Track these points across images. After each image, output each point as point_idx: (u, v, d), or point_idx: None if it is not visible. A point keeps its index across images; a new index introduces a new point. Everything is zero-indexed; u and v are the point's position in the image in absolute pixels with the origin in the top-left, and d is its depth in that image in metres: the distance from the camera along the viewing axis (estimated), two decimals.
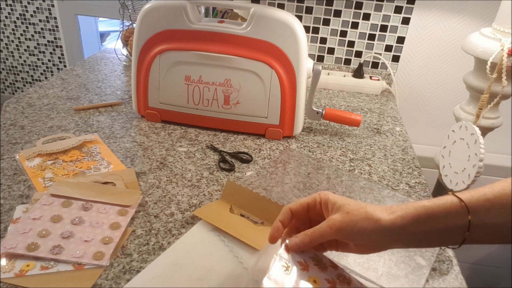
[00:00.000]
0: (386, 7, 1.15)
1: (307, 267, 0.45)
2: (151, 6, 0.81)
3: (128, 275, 0.51)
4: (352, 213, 0.43)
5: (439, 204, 0.43)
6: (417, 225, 0.43)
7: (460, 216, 0.42)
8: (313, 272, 0.45)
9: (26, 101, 0.96)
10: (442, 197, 0.44)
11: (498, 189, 0.43)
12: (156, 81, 0.85)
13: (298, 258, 0.46)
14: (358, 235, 0.43)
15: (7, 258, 0.52)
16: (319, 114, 0.90)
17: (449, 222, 0.43)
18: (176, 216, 0.62)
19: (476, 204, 0.43)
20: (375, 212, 0.43)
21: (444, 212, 0.43)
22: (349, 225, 0.43)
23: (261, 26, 0.78)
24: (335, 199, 0.46)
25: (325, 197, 0.46)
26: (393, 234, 0.43)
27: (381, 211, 0.44)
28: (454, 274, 0.56)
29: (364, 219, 0.43)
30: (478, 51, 0.90)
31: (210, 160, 0.78)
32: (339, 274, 0.46)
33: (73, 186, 0.65)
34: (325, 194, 0.47)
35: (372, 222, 0.43)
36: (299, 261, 0.45)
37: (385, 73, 1.24)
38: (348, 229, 0.43)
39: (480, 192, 0.43)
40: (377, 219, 0.43)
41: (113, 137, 0.84)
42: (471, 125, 0.78)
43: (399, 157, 0.85)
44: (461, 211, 0.43)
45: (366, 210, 0.44)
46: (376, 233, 0.43)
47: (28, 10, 2.20)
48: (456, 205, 0.43)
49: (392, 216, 0.43)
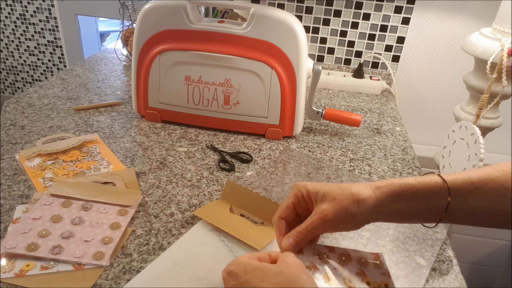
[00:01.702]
0: (386, 7, 1.15)
1: (315, 267, 0.45)
2: (151, 6, 0.81)
3: (128, 275, 0.51)
4: (339, 198, 0.44)
5: (424, 183, 0.44)
6: (400, 202, 0.44)
7: (442, 197, 0.44)
8: (322, 270, 0.45)
9: (26, 101, 0.96)
10: (427, 176, 0.45)
11: (483, 173, 0.44)
12: (156, 81, 0.85)
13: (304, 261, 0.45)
14: (349, 220, 0.44)
15: (7, 258, 0.52)
16: (319, 114, 0.90)
17: (430, 202, 0.44)
18: (176, 216, 0.62)
19: (460, 186, 0.44)
20: (360, 193, 0.44)
21: (427, 192, 0.44)
22: (340, 212, 0.43)
23: (261, 26, 0.78)
24: (316, 189, 0.45)
25: (305, 188, 0.46)
26: (378, 210, 0.44)
27: (365, 189, 0.44)
28: (454, 274, 0.56)
29: (352, 202, 0.43)
30: (478, 51, 0.90)
31: (210, 160, 0.78)
32: (339, 254, 0.47)
33: (73, 186, 0.65)
34: (303, 186, 0.46)
35: (360, 203, 0.43)
36: (307, 266, 0.45)
37: (385, 73, 1.24)
38: (339, 216, 0.44)
39: (465, 174, 0.44)
40: (363, 199, 0.44)
41: (113, 137, 0.84)
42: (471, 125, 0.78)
43: (399, 157, 0.85)
44: (443, 192, 0.44)
45: (352, 192, 0.44)
46: (364, 213, 0.44)
47: (28, 10, 2.20)
48: (439, 185, 0.44)
49: (378, 192, 0.44)
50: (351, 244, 0.59)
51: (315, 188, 0.45)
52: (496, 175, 0.44)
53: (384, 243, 0.60)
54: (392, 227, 0.63)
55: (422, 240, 0.61)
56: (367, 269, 0.47)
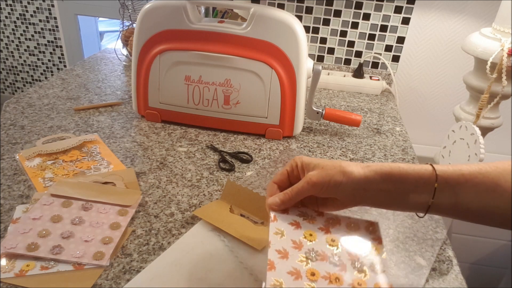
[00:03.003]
0: (386, 7, 1.15)
1: (298, 224, 0.47)
2: (151, 6, 0.81)
3: (128, 275, 0.51)
4: (327, 167, 0.45)
5: (414, 168, 0.45)
6: (388, 183, 0.45)
7: (431, 184, 0.44)
8: (305, 227, 0.47)
9: (26, 101, 0.96)
10: (419, 165, 0.46)
11: (475, 167, 0.45)
12: (156, 81, 0.85)
13: (288, 219, 0.47)
14: (334, 189, 0.45)
15: (7, 258, 0.52)
16: (319, 114, 0.90)
17: (419, 187, 0.45)
18: (176, 216, 0.62)
19: (450, 176, 0.44)
20: (349, 166, 0.45)
21: (416, 176, 0.44)
22: (325, 178, 0.45)
23: (261, 26, 0.78)
24: (310, 160, 0.48)
25: (300, 160, 0.48)
26: (365, 188, 0.45)
27: (355, 165, 0.46)
28: (454, 274, 0.56)
29: (339, 172, 0.45)
30: (478, 51, 0.90)
31: (210, 160, 0.78)
32: (327, 218, 0.49)
33: (73, 186, 0.65)
34: (300, 157, 0.49)
35: (346, 175, 0.45)
36: (290, 222, 0.47)
37: (385, 73, 1.24)
38: (324, 183, 0.45)
39: (457, 167, 0.45)
40: (350, 172, 0.45)
41: (113, 137, 0.84)
42: (471, 125, 0.78)
43: (399, 157, 0.85)
44: (432, 179, 0.44)
45: (341, 164, 0.46)
46: (349, 186, 0.45)
47: (28, 10, 2.20)
48: (429, 173, 0.44)
49: (367, 170, 0.45)
50: None
51: (310, 159, 0.48)
52: (488, 170, 0.44)
53: (384, 243, 0.60)
54: (392, 227, 0.63)
55: (422, 240, 0.61)
56: (356, 233, 0.48)
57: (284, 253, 0.43)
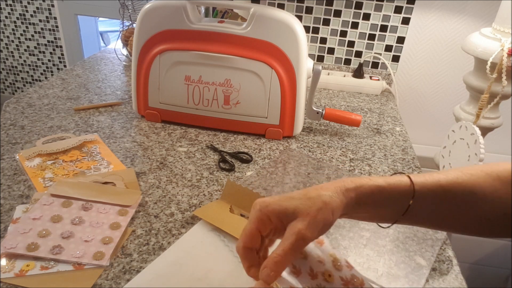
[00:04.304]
0: (386, 7, 1.15)
1: (323, 261, 0.44)
2: (151, 6, 0.81)
3: (128, 275, 0.51)
4: (312, 212, 0.39)
5: (393, 185, 0.43)
6: (367, 206, 0.43)
7: (407, 199, 0.43)
8: (329, 266, 0.43)
9: (26, 101, 0.96)
10: (396, 177, 0.44)
11: (452, 176, 0.44)
12: (156, 81, 0.85)
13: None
14: (325, 229, 0.41)
15: (7, 258, 0.52)
16: (319, 114, 0.90)
17: (398, 204, 0.43)
18: (176, 216, 0.62)
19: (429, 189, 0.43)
20: (332, 200, 0.40)
21: (396, 194, 0.43)
22: (317, 226, 0.39)
23: (261, 26, 0.78)
24: (283, 206, 0.40)
25: (269, 210, 0.40)
26: (345, 213, 0.42)
27: (336, 193, 0.41)
28: (454, 274, 0.56)
29: (327, 212, 0.40)
30: (478, 51, 0.90)
31: (210, 160, 0.78)
32: (353, 274, 0.44)
33: (73, 186, 0.65)
34: (266, 207, 0.41)
35: (334, 212, 0.40)
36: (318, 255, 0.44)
37: (385, 73, 1.24)
38: (315, 229, 0.39)
39: (435, 177, 0.44)
40: (337, 207, 0.40)
41: (113, 137, 0.84)
42: (471, 125, 0.78)
43: (399, 157, 0.85)
44: (410, 194, 0.43)
45: (323, 200, 0.40)
46: (336, 218, 0.41)
47: (28, 10, 2.20)
48: (408, 187, 0.43)
49: (347, 196, 0.41)
50: (351, 244, 0.59)
51: (281, 205, 0.40)
52: (464, 179, 0.44)
53: (384, 243, 0.60)
54: (392, 227, 0.63)
55: (422, 240, 0.61)
56: None
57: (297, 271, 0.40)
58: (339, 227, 0.62)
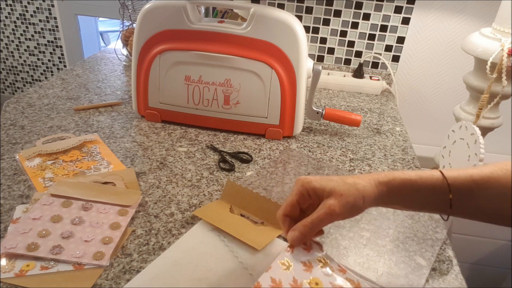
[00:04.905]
0: (386, 7, 1.15)
1: (310, 267, 0.45)
2: (151, 6, 0.81)
3: (128, 275, 0.51)
4: (345, 194, 0.44)
5: (425, 179, 0.45)
6: (401, 197, 0.46)
7: (443, 194, 0.45)
8: (316, 273, 0.44)
9: (26, 101, 0.96)
10: (429, 172, 0.46)
11: (486, 171, 0.45)
12: (156, 81, 0.85)
13: (303, 257, 0.45)
14: (354, 213, 0.45)
15: (7, 258, 0.52)
16: (319, 114, 0.90)
17: (431, 198, 0.45)
18: (176, 216, 0.62)
19: (462, 184, 0.44)
20: (365, 189, 0.45)
21: (428, 188, 0.45)
22: (346, 207, 0.44)
23: (261, 26, 0.78)
24: (322, 185, 0.45)
25: (310, 186, 0.46)
26: (378, 203, 0.46)
27: (369, 184, 0.45)
28: (454, 274, 0.56)
29: (359, 198, 0.44)
30: (478, 51, 0.90)
31: (210, 160, 0.78)
32: (347, 278, 0.45)
33: (73, 186, 0.65)
34: (308, 183, 0.46)
35: (365, 199, 0.45)
36: (303, 261, 0.45)
37: (385, 73, 1.24)
38: (345, 211, 0.44)
39: (467, 172, 0.45)
40: (368, 195, 0.45)
41: (113, 137, 0.84)
42: (471, 125, 0.78)
43: (399, 157, 0.85)
44: (444, 189, 0.45)
45: (357, 188, 0.45)
46: (367, 206, 0.45)
47: (28, 10, 2.20)
48: (440, 182, 0.45)
49: (380, 188, 0.45)
50: (351, 244, 0.59)
51: (321, 184, 0.45)
52: (499, 174, 0.44)
53: (384, 243, 0.60)
54: (392, 227, 0.63)
55: (422, 240, 0.61)
56: None
57: (277, 285, 0.41)
58: (339, 227, 0.62)
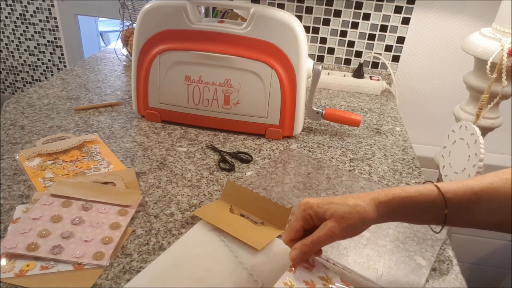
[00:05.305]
0: (386, 7, 1.15)
1: (313, 286, 0.45)
2: (151, 6, 0.81)
3: (128, 275, 0.51)
4: (346, 217, 0.45)
5: (425, 195, 0.46)
6: (400, 216, 0.47)
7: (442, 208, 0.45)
8: None
9: (26, 101, 0.96)
10: (428, 186, 0.46)
11: (486, 182, 0.45)
12: (156, 81, 0.85)
13: (306, 277, 0.46)
14: (353, 235, 0.47)
15: (7, 258, 0.52)
16: (319, 114, 0.90)
17: (431, 213, 0.46)
18: (176, 216, 0.62)
19: (462, 197, 0.45)
20: (366, 211, 0.46)
21: (428, 204, 0.46)
22: (346, 229, 0.45)
23: (261, 26, 0.78)
24: (324, 208, 0.47)
25: (312, 210, 0.47)
26: (379, 221, 0.47)
27: (370, 205, 0.46)
28: (454, 274, 0.56)
29: (359, 221, 0.45)
30: (478, 51, 0.90)
31: (210, 160, 0.78)
32: None
33: (73, 186, 0.65)
34: (310, 208, 0.47)
35: (365, 222, 0.46)
36: (306, 280, 0.46)
37: (385, 73, 1.24)
38: (345, 233, 0.46)
39: (467, 185, 0.45)
40: (369, 218, 0.46)
41: (113, 137, 0.84)
42: (471, 125, 0.78)
43: (399, 157, 0.85)
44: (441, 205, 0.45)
45: (358, 210, 0.46)
46: (366, 228, 0.47)
47: (28, 10, 2.20)
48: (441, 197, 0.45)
49: (380, 209, 0.46)
50: (351, 244, 0.59)
51: (322, 207, 0.47)
52: (500, 184, 0.44)
53: (384, 243, 0.60)
54: (392, 227, 0.63)
55: (422, 240, 0.61)
56: None
57: None
58: None
